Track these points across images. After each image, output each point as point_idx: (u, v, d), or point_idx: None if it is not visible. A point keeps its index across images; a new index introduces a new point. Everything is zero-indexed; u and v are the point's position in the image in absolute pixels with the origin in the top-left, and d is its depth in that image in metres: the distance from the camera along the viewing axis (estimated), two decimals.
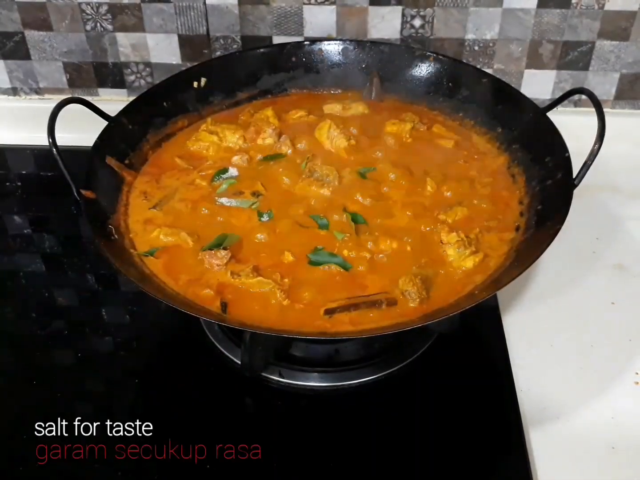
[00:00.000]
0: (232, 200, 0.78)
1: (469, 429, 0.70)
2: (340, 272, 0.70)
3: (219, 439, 0.69)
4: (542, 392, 0.73)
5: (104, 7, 1.00)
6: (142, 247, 0.73)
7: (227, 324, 0.66)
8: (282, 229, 0.75)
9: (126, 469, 0.67)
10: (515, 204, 0.77)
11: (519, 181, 0.80)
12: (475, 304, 0.63)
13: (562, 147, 0.75)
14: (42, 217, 0.98)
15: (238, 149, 0.86)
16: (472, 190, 0.79)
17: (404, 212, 0.76)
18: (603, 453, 0.68)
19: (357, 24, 1.00)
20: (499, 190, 0.79)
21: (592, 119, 0.73)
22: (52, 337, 0.81)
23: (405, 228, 0.75)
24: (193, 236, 0.74)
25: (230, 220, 0.76)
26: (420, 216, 0.76)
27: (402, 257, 0.72)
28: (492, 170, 0.82)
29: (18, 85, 1.10)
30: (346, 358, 0.75)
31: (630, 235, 0.91)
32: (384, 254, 0.72)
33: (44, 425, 0.70)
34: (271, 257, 0.72)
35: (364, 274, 0.70)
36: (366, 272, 0.70)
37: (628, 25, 0.97)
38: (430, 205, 0.77)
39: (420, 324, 0.64)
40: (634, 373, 0.75)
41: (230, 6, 0.99)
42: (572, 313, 0.81)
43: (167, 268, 0.71)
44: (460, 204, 0.77)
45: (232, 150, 0.86)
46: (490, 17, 0.98)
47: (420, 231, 0.74)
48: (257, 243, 0.74)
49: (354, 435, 0.70)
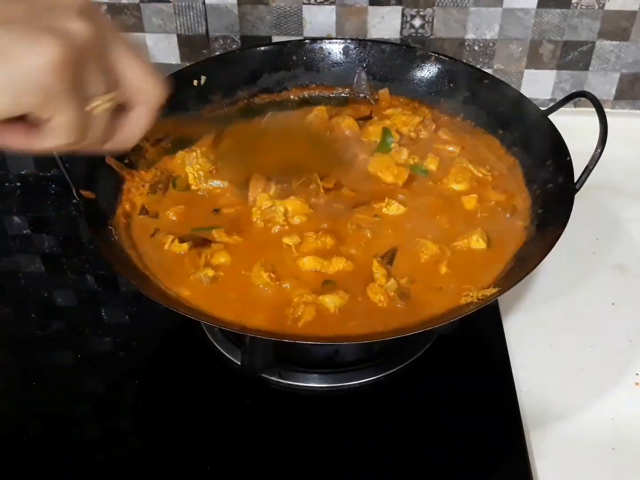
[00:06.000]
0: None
1: (468, 429, 0.70)
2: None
3: (219, 439, 0.69)
4: (542, 393, 0.73)
5: (103, 7, 1.00)
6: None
7: (228, 328, 0.66)
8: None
9: (126, 469, 0.67)
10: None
11: (519, 184, 0.80)
12: (477, 309, 0.63)
13: (564, 151, 0.75)
14: (41, 218, 0.98)
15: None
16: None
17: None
18: (603, 454, 0.68)
19: (357, 23, 1.00)
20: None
21: (592, 120, 0.73)
22: (52, 338, 0.81)
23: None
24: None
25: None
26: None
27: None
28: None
29: None
30: (346, 359, 0.75)
31: (631, 235, 0.91)
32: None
33: (43, 425, 0.70)
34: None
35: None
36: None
37: (628, 25, 0.97)
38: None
39: (422, 329, 0.64)
40: (634, 374, 0.75)
41: (229, 6, 0.99)
42: (572, 314, 0.81)
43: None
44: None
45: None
46: (490, 17, 0.98)
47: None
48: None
49: (354, 436, 0.70)
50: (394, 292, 0.68)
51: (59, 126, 0.41)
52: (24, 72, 0.38)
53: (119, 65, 0.44)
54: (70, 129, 0.42)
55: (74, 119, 0.41)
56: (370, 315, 0.67)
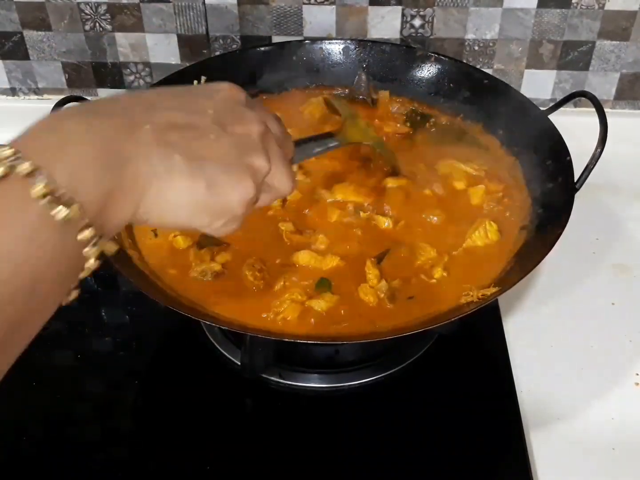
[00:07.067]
0: None
1: (469, 429, 0.70)
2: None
3: (219, 439, 0.69)
4: (542, 393, 0.73)
5: (102, 7, 1.00)
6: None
7: (228, 327, 0.66)
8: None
9: (126, 469, 0.67)
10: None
11: (520, 184, 0.80)
12: (477, 309, 0.63)
13: (564, 151, 0.75)
14: None
15: None
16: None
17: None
18: (603, 454, 0.68)
19: (357, 23, 1.00)
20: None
21: (592, 120, 0.73)
22: (52, 338, 0.80)
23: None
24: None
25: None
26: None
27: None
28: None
29: (17, 86, 1.09)
30: (346, 359, 0.75)
31: (631, 235, 0.91)
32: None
33: (43, 425, 0.70)
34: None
35: None
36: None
37: (628, 25, 0.97)
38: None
39: (421, 329, 0.64)
40: (634, 374, 0.75)
41: (229, 6, 0.99)
42: (572, 313, 0.81)
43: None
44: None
45: None
46: (490, 17, 0.98)
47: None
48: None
49: (354, 436, 0.70)
50: (384, 293, 0.68)
51: (219, 232, 0.46)
52: (224, 204, 0.44)
53: (273, 179, 0.48)
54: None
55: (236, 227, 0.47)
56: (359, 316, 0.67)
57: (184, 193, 0.41)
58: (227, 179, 0.43)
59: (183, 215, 0.43)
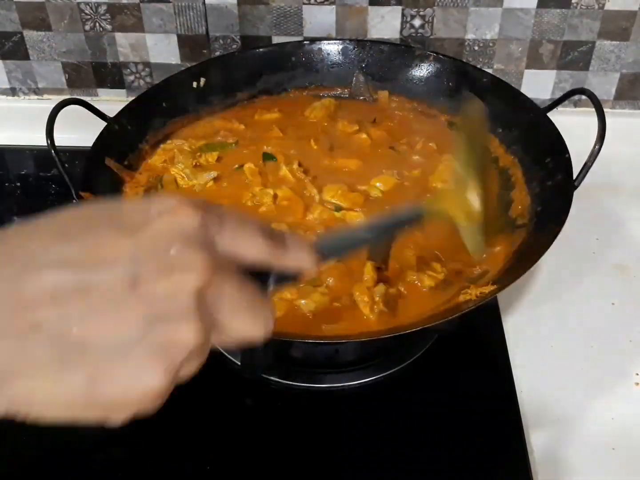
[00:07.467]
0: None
1: (468, 429, 0.69)
2: None
3: (219, 439, 0.69)
4: (542, 393, 0.73)
5: (102, 7, 1.00)
6: None
7: None
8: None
9: (126, 469, 0.67)
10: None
11: (518, 182, 0.80)
12: (475, 307, 0.63)
13: (563, 148, 0.75)
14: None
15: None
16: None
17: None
18: (603, 454, 0.68)
19: (357, 23, 1.00)
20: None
21: (592, 119, 0.73)
22: None
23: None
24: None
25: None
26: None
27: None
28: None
29: (17, 86, 1.10)
30: (346, 359, 0.75)
31: (631, 235, 0.91)
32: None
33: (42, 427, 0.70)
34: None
35: None
36: None
37: (628, 25, 0.97)
38: None
39: (420, 327, 0.64)
40: (634, 374, 0.75)
41: (229, 6, 0.99)
42: (572, 313, 0.81)
43: None
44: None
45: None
46: (490, 17, 0.98)
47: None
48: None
49: (354, 436, 0.70)
50: (379, 297, 0.68)
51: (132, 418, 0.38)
52: (120, 397, 0.35)
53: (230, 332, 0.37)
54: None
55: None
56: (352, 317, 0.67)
57: (55, 390, 0.34)
58: (117, 367, 0.33)
59: (65, 412, 0.36)
